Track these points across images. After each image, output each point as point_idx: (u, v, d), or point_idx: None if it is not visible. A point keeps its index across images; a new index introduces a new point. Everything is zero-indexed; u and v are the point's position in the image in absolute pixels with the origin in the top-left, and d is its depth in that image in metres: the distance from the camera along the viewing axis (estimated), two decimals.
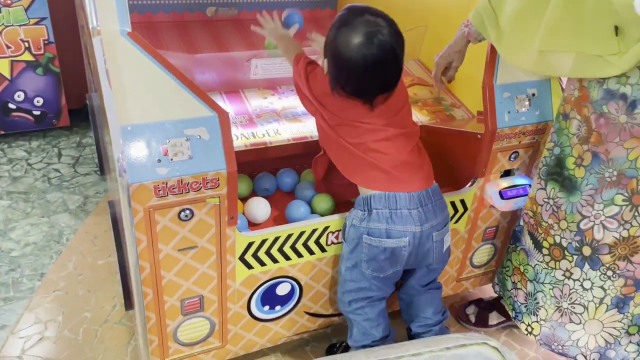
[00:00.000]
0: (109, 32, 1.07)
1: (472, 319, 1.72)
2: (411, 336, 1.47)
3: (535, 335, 1.50)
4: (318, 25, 2.38)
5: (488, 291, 1.83)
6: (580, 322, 1.40)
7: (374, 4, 1.22)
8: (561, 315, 1.43)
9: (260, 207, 1.49)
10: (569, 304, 1.40)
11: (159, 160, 1.06)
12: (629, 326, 1.37)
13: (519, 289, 1.52)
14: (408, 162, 1.28)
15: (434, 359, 1.07)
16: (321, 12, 2.46)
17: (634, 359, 1.39)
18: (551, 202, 1.36)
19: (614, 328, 1.38)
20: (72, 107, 2.49)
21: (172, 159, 1.07)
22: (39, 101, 2.38)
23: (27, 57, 2.26)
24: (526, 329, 1.52)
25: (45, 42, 2.26)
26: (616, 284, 1.32)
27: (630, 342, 1.39)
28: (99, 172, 2.30)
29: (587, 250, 1.32)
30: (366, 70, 1.18)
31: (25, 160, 2.38)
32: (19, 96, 2.34)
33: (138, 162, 1.04)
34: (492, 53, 1.39)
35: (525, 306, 1.51)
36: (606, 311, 1.36)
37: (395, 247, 1.26)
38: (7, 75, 2.27)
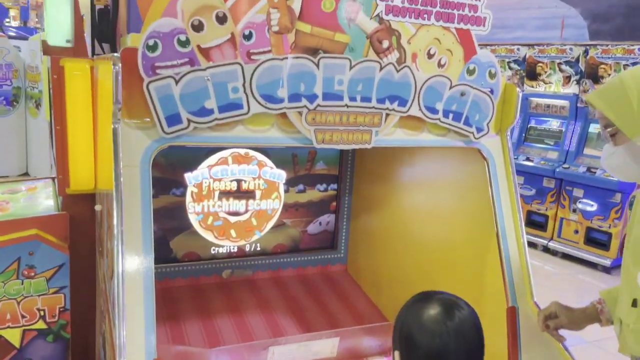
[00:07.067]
0: None
1: None
2: None
3: None
4: (330, 282, 2.44)
5: None
6: None
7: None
8: None
9: None
10: None
11: None
12: None
13: None
14: None
15: None
16: (332, 268, 2.53)
17: None
18: None
19: None
20: None
21: None
22: None
23: (40, 325, 2.24)
24: None
25: (61, 309, 2.27)
26: None
27: None
28: None
29: None
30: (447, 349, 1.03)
31: None
32: None
33: None
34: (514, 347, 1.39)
35: None
36: None
37: None
38: (17, 344, 2.22)
